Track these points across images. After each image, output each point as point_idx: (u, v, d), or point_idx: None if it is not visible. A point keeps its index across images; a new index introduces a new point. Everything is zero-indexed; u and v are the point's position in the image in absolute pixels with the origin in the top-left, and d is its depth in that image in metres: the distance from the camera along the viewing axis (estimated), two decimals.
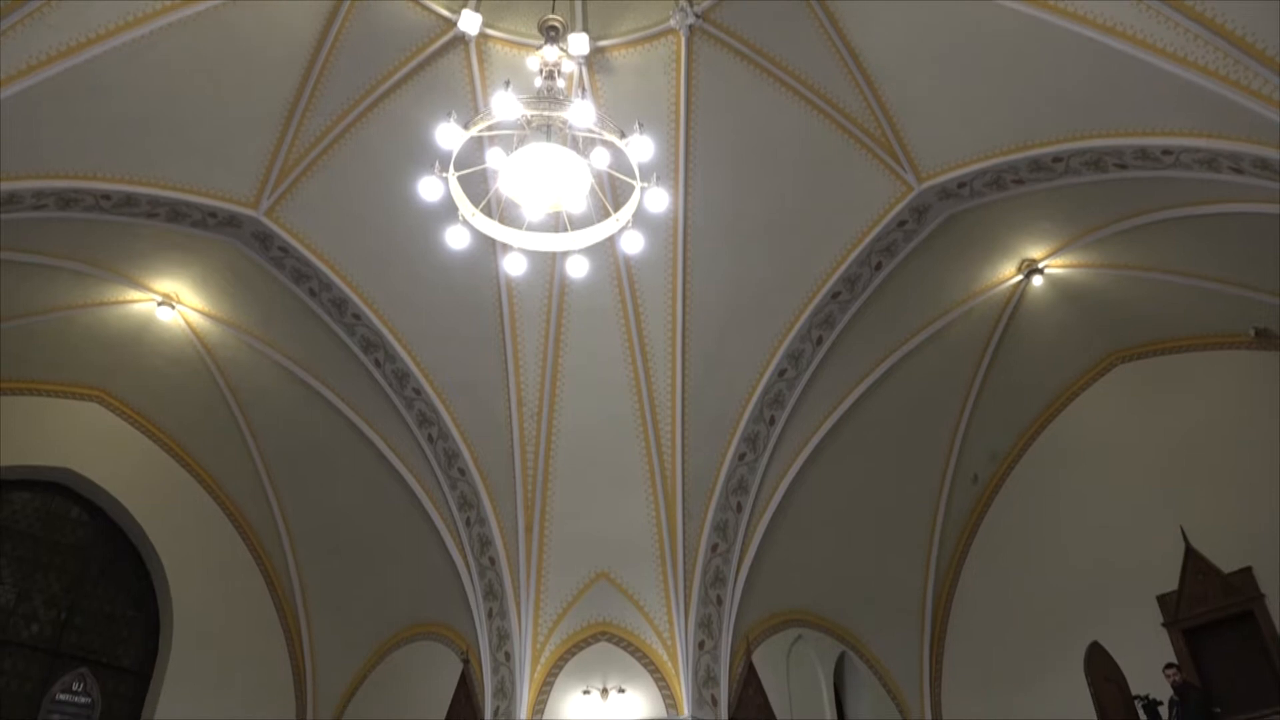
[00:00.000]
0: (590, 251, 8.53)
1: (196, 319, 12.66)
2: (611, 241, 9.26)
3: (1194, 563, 12.02)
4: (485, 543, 12.33)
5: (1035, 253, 11.93)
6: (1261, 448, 11.80)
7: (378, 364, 12.19)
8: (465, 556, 12.55)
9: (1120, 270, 12.04)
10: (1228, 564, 11.80)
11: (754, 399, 12.12)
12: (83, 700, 10.20)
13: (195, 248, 11.35)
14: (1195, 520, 12.19)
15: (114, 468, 13.92)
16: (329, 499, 13.94)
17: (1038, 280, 12.27)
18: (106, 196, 10.04)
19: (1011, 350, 13.35)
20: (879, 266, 11.46)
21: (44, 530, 13.54)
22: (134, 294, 12.19)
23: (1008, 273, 12.22)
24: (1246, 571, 11.63)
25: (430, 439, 12.44)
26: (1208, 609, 11.83)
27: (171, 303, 12.32)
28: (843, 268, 11.40)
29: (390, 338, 11.88)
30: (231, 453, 14.31)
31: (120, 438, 14.07)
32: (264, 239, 11.09)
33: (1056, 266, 12.11)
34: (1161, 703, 10.14)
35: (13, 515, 13.31)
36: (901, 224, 11.01)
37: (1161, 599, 12.17)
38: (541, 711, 11.55)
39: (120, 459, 13.99)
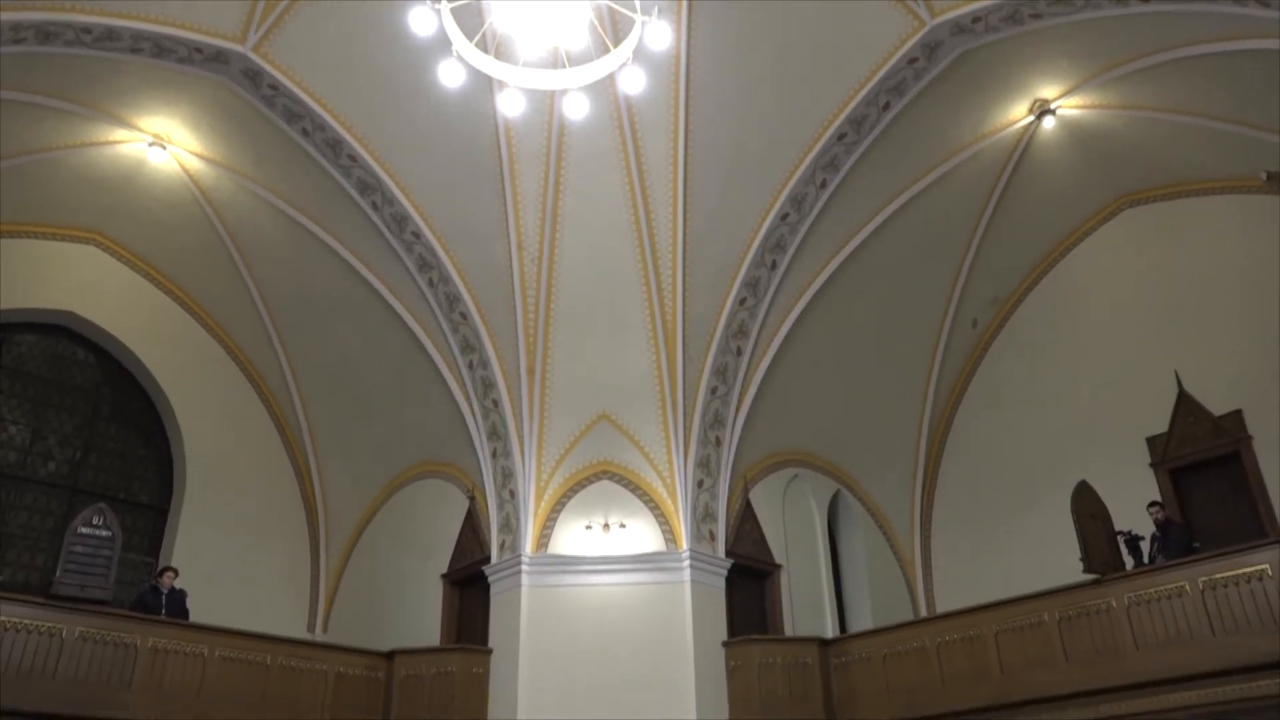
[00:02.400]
0: (589, 91, 8.28)
1: (190, 161, 12.45)
2: (611, 81, 8.97)
3: (1185, 405, 12.24)
4: (488, 385, 12.51)
5: (1048, 92, 11.59)
6: (1263, 292, 11.82)
7: (375, 207, 12.04)
8: (469, 399, 12.76)
9: (1133, 111, 11.74)
10: (1219, 407, 12.02)
11: (755, 243, 12.03)
12: (104, 533, 10.54)
13: (183, 85, 11.04)
14: (1190, 364, 12.35)
15: (116, 311, 14.01)
16: (332, 342, 14.07)
17: (1049, 122, 11.99)
18: (87, 30, 9.69)
19: (1019, 194, 13.17)
20: (887, 107, 11.13)
21: (52, 372, 13.75)
22: (123, 134, 11.95)
23: (1019, 114, 11.90)
24: (1236, 414, 11.85)
25: (431, 283, 12.43)
26: (1195, 450, 12.13)
27: (163, 143, 12.09)
28: (849, 108, 11.09)
29: (387, 180, 11.69)
30: (232, 296, 14.36)
31: (120, 281, 14.10)
32: (253, 76, 10.76)
33: (1069, 107, 11.80)
34: (1143, 538, 10.49)
35: (19, 357, 13.50)
36: (912, 61, 10.63)
37: (1151, 440, 12.46)
38: (545, 546, 12.00)
39: (122, 302, 14.07)
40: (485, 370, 12.48)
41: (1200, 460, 12.07)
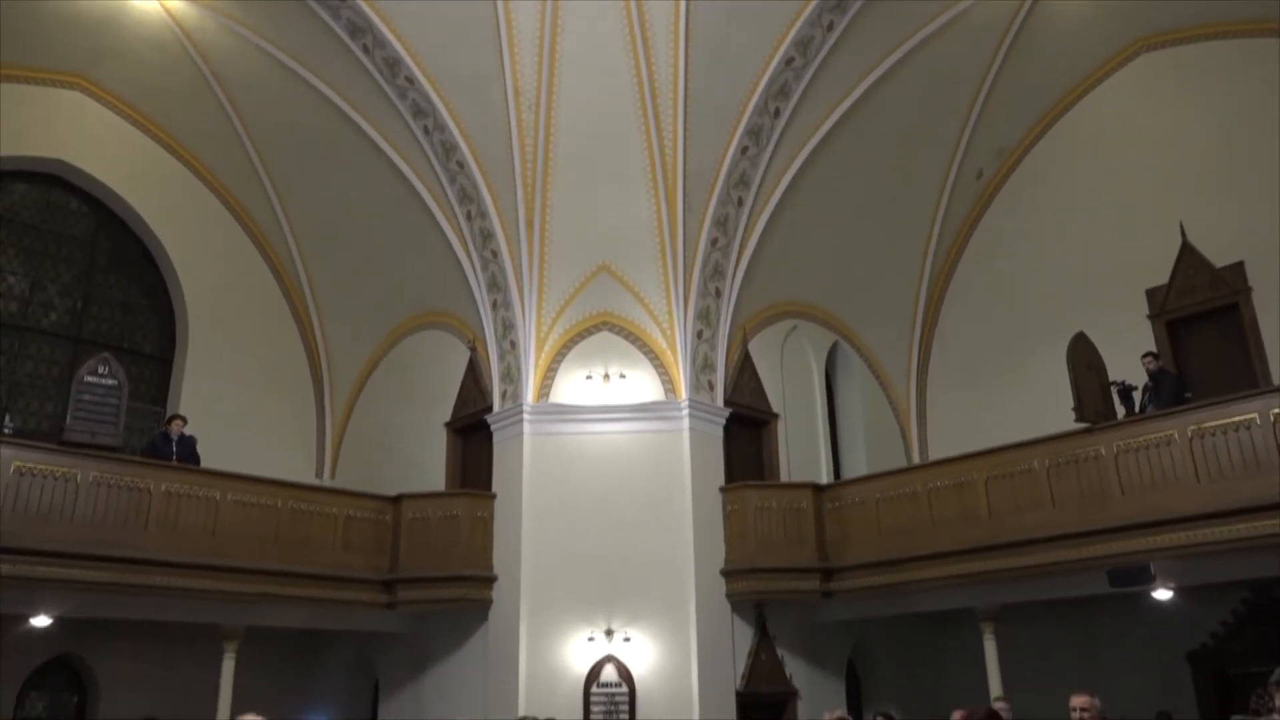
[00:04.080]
0: None
1: (173, 1, 11.97)
2: None
3: (1187, 256, 12.20)
4: (487, 236, 12.41)
5: None
6: (1273, 141, 11.58)
7: (366, 50, 11.64)
8: (467, 249, 12.67)
9: None
10: (1221, 259, 11.98)
11: (759, 90, 11.71)
12: (109, 382, 10.66)
13: None
14: (1194, 215, 12.24)
15: (107, 159, 13.76)
16: (328, 193, 13.88)
17: None
18: None
19: (1032, 38, 12.75)
20: None
21: (46, 221, 13.62)
22: None
23: None
24: (1238, 266, 11.83)
25: (426, 131, 12.16)
26: (1194, 301, 12.16)
27: None
28: None
29: (378, 21, 11.26)
30: (224, 145, 14.09)
31: (110, 128, 13.80)
32: None
33: None
34: (1136, 388, 10.64)
35: (12, 207, 13.34)
36: None
37: (1150, 292, 12.48)
38: (547, 395, 12.17)
39: (112, 150, 13.81)
40: (484, 221, 12.36)
41: (1199, 312, 12.12)
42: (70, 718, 12.15)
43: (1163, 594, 10.28)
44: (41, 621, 10.39)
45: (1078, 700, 5.93)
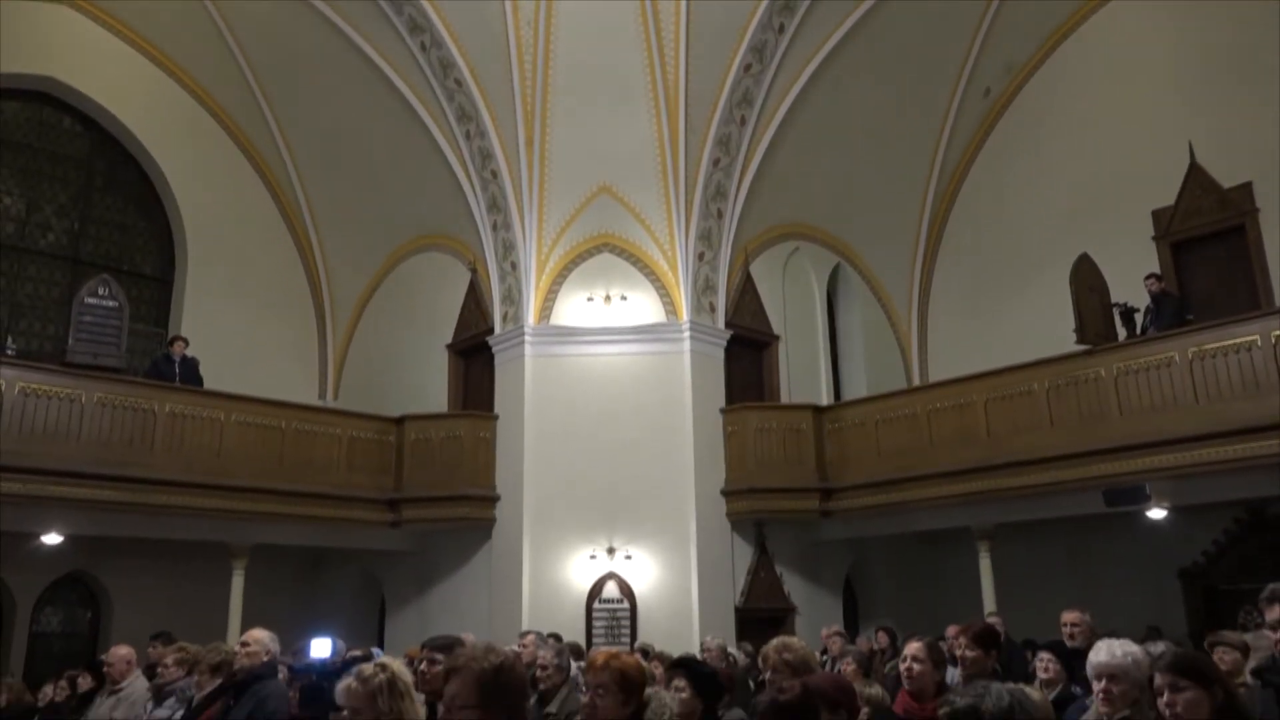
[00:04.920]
0: None
1: None
2: None
3: (1195, 177, 12.05)
4: (486, 156, 12.25)
5: None
6: None
7: None
8: (467, 170, 12.52)
9: None
10: (1229, 179, 11.83)
11: (762, 4, 11.42)
12: (110, 304, 10.65)
13: None
14: (1204, 136, 12.04)
15: (99, 77, 13.52)
16: (326, 112, 13.67)
17: None
18: None
19: None
20: None
21: (40, 141, 13.45)
22: None
23: None
24: (1246, 187, 11.69)
25: (423, 47, 11.91)
26: (1200, 222, 12.04)
27: None
28: None
29: None
30: (218, 63, 13.83)
31: (101, 45, 13.54)
32: None
33: None
34: (1138, 310, 10.62)
35: (5, 126, 13.15)
36: None
37: (1156, 213, 12.36)
38: (548, 317, 12.15)
39: (104, 68, 13.57)
40: (483, 140, 12.18)
41: (1204, 233, 12.02)
42: (84, 632, 12.45)
43: (1157, 513, 10.41)
44: (52, 539, 10.56)
45: (1069, 616, 6.03)
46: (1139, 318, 10.66)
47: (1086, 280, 10.35)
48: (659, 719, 3.15)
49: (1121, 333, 10.54)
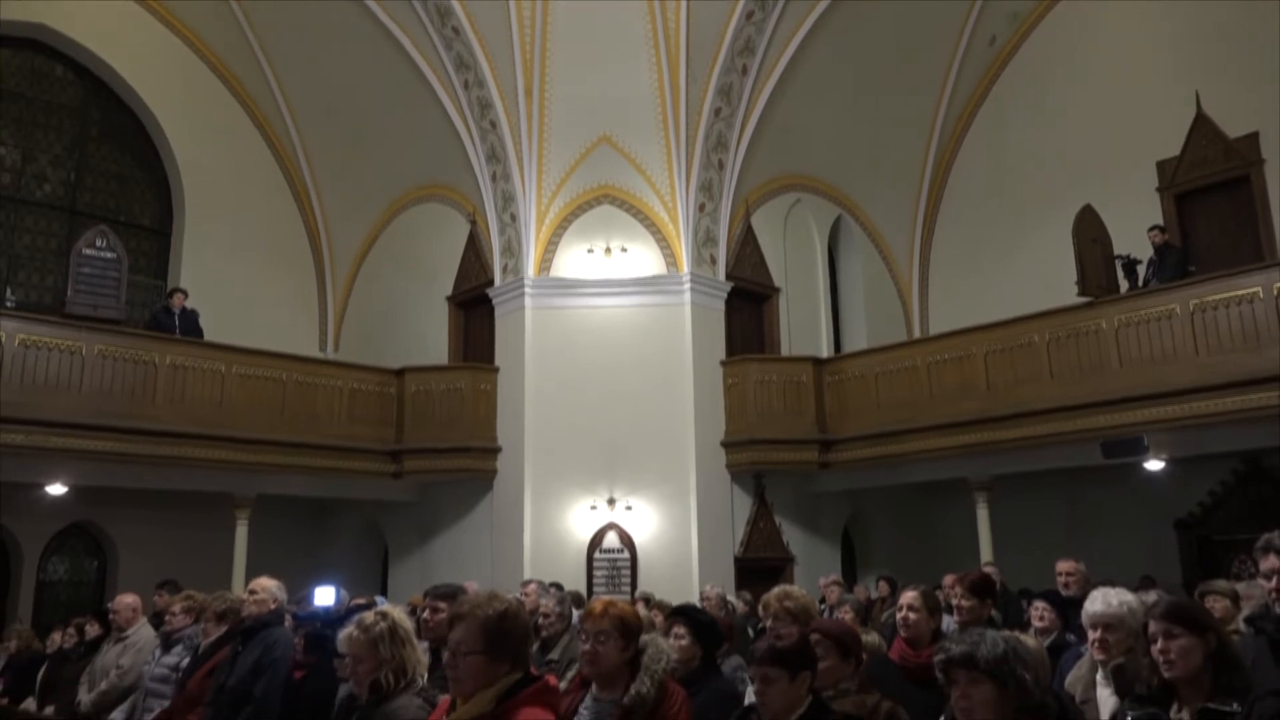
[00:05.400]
0: None
1: None
2: None
3: (1201, 127, 11.94)
4: (485, 105, 12.12)
5: None
6: None
7: None
8: (465, 120, 12.40)
9: None
10: (1235, 129, 11.72)
11: None
12: (108, 255, 10.61)
13: None
14: (1211, 85, 11.91)
15: (91, 24, 13.34)
16: (322, 61, 13.50)
17: None
18: None
19: None
20: None
21: (33, 89, 13.30)
22: None
23: None
24: (1252, 137, 11.59)
25: None
26: (1205, 173, 11.96)
27: None
28: None
29: None
30: (213, 12, 13.69)
31: None
32: None
33: None
34: (1140, 261, 10.58)
35: None
36: None
37: (1161, 164, 12.26)
38: (548, 269, 12.12)
39: (96, 15, 13.39)
40: (481, 90, 12.05)
41: (1209, 184, 11.94)
42: (91, 581, 12.59)
43: (1154, 465, 10.47)
44: (57, 490, 10.64)
45: (1064, 565, 6.09)
46: (1141, 270, 10.63)
47: (1089, 232, 10.31)
48: (657, 665, 3.20)
49: (1123, 285, 10.52)
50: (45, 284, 12.97)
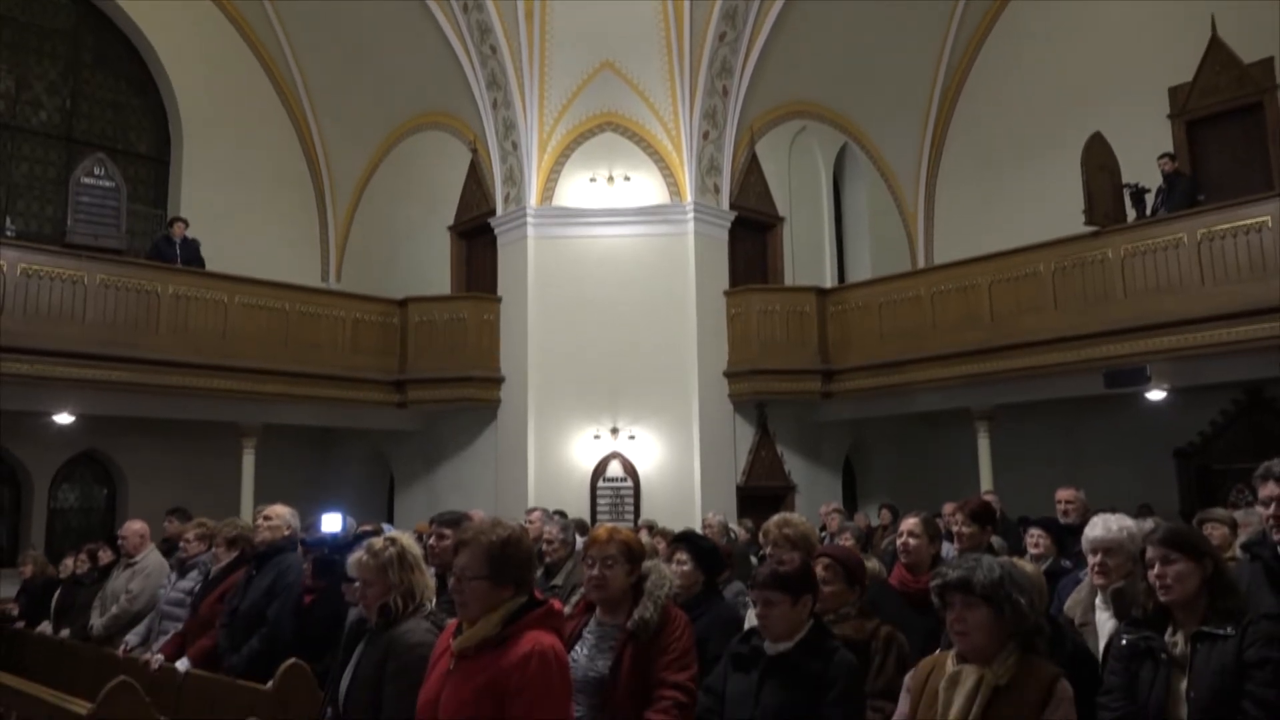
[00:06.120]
0: None
1: None
2: None
3: (1215, 52, 11.69)
4: (485, 30, 11.88)
5: None
6: None
7: None
8: (465, 45, 12.17)
9: None
10: (1250, 54, 11.48)
11: None
12: (107, 184, 10.52)
13: None
14: (1226, 8, 11.61)
15: None
16: None
17: None
18: None
19: None
20: None
21: (25, 14, 13.04)
22: None
23: None
24: (1267, 62, 11.36)
25: None
26: (1218, 100, 11.75)
27: None
28: None
29: None
30: None
31: None
32: None
33: None
34: (1149, 190, 10.46)
35: None
36: None
37: (1173, 90, 12.05)
38: (550, 198, 12.01)
39: None
40: (481, 13, 11.80)
41: (1221, 111, 11.73)
42: (101, 508, 12.77)
43: (1156, 395, 10.49)
44: (64, 419, 10.73)
45: (1064, 494, 6.15)
46: (1150, 198, 10.52)
47: (1098, 160, 10.17)
48: (660, 590, 3.25)
49: (1131, 214, 10.41)
50: (45, 213, 12.89)
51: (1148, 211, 10.41)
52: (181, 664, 5.16)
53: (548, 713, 2.39)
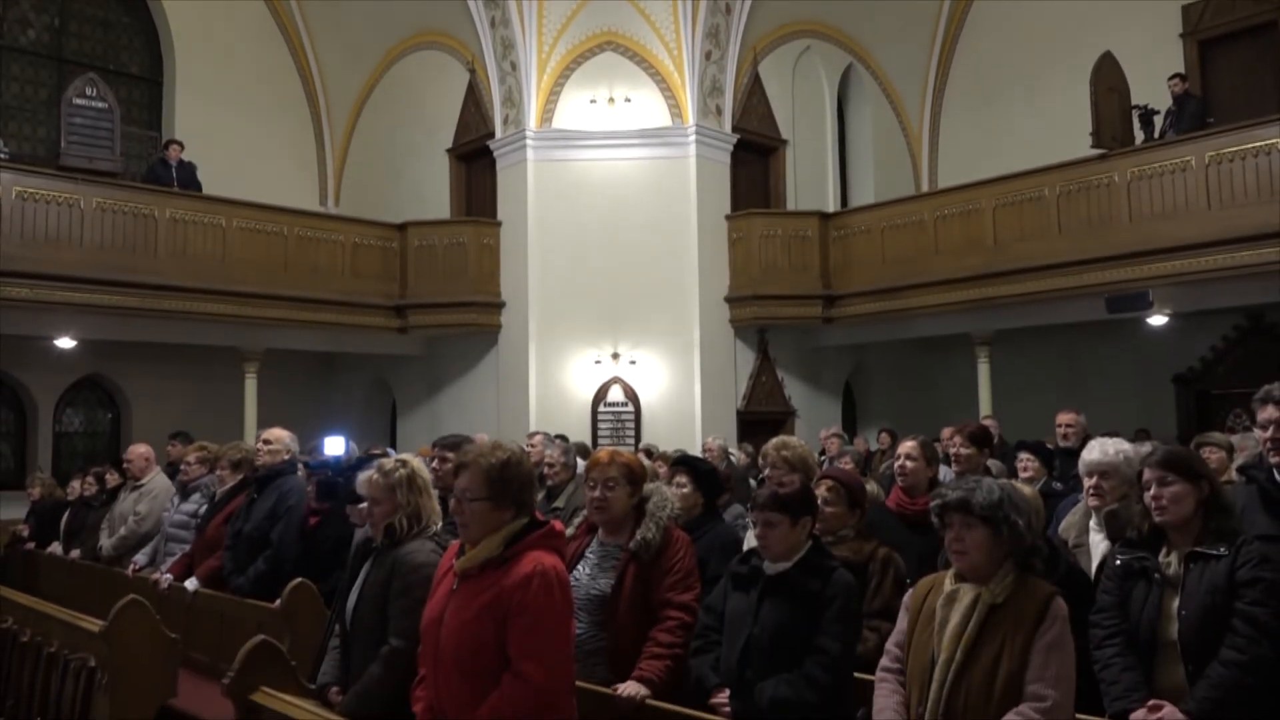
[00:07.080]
0: None
1: None
2: None
3: None
4: None
5: None
6: None
7: None
8: None
9: None
10: None
11: None
12: (100, 105, 10.33)
13: None
14: None
15: None
16: None
17: None
18: None
19: None
20: None
21: None
22: None
23: None
24: None
25: None
26: (1232, 19, 11.50)
27: None
28: None
29: None
30: None
31: None
32: None
33: None
34: (1158, 112, 10.29)
35: None
36: None
37: (1186, 9, 11.78)
38: (550, 120, 11.82)
39: None
40: None
41: (1235, 30, 11.48)
42: (106, 431, 12.88)
43: (1157, 320, 10.48)
44: (65, 343, 10.74)
45: (1064, 417, 6.18)
46: (1158, 120, 10.35)
47: (1107, 80, 9.98)
48: (661, 511, 3.29)
49: (1139, 136, 10.26)
50: (38, 135, 12.70)
51: (1156, 134, 10.25)
52: (190, 583, 5.26)
53: (549, 631, 2.43)
